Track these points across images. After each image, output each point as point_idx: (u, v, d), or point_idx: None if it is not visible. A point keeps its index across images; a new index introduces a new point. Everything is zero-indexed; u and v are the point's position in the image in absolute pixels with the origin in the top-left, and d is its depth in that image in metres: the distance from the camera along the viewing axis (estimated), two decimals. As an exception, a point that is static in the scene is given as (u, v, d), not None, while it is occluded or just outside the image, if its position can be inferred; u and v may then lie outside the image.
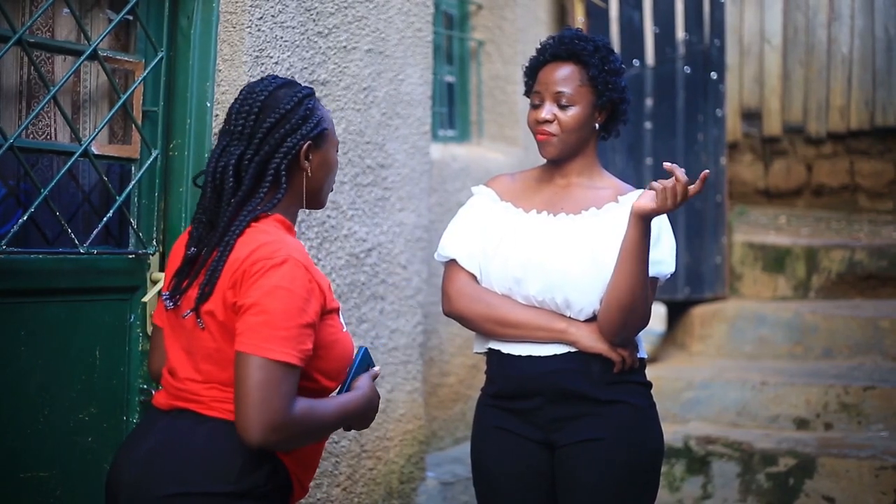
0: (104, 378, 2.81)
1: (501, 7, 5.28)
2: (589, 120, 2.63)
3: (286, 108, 2.15)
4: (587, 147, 2.67)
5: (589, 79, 2.60)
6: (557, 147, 2.63)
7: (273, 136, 2.13)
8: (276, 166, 2.13)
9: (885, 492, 4.44)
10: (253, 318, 2.00)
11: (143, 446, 2.12)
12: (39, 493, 2.66)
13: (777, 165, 7.62)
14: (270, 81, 2.20)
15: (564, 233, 2.61)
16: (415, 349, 3.89)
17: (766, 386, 5.13)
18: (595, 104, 2.62)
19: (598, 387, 2.57)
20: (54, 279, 2.69)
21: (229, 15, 2.96)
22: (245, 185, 2.12)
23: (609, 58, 2.63)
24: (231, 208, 2.11)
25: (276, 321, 2.00)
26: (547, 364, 2.58)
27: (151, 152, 2.90)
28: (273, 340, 1.99)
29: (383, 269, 3.68)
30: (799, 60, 7.46)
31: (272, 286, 2.01)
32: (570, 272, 2.56)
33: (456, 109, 5.20)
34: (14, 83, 2.71)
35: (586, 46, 2.61)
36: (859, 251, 6.39)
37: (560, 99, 2.60)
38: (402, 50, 3.74)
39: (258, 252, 2.05)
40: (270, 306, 2.00)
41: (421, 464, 3.97)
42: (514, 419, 2.63)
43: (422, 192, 3.89)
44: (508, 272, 2.60)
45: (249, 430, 1.96)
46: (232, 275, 2.06)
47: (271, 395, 1.97)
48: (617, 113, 2.67)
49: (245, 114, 2.15)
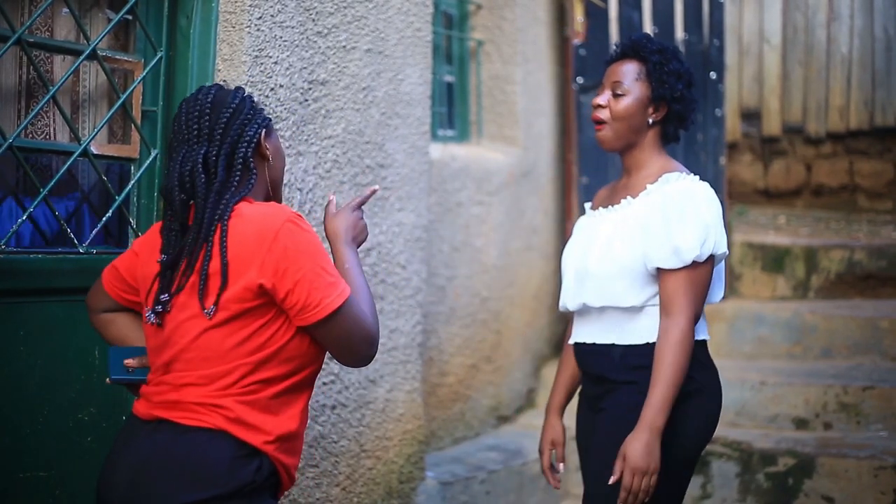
0: (103, 378, 2.80)
1: (501, 7, 5.28)
2: (640, 111, 2.74)
3: (235, 103, 2.24)
4: (642, 140, 2.77)
5: (646, 74, 2.73)
6: (608, 134, 2.75)
7: (232, 130, 2.22)
8: (244, 155, 2.22)
9: (885, 492, 4.43)
10: (307, 287, 2.12)
11: (127, 461, 2.15)
12: (38, 493, 2.66)
13: (776, 165, 7.62)
14: (207, 89, 2.27)
15: (599, 226, 2.77)
16: (414, 349, 3.89)
17: (766, 386, 5.13)
18: (650, 98, 2.73)
19: (618, 369, 2.69)
20: (53, 279, 2.69)
21: (229, 15, 2.96)
22: (219, 177, 2.18)
23: (671, 60, 2.75)
24: (211, 198, 2.16)
25: (322, 275, 2.14)
26: (585, 348, 2.79)
27: (151, 152, 2.90)
28: (332, 289, 2.14)
29: (382, 269, 3.68)
30: (798, 60, 7.46)
31: (299, 252, 2.12)
32: (588, 263, 2.71)
33: (455, 109, 5.20)
34: (13, 83, 2.71)
35: (650, 45, 2.75)
36: (859, 251, 6.39)
37: (616, 88, 2.74)
38: (401, 50, 3.74)
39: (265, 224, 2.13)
40: (312, 269, 2.13)
41: (420, 463, 3.97)
42: (584, 398, 2.88)
43: (421, 191, 3.89)
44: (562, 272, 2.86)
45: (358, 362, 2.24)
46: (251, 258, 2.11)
47: (360, 325, 2.19)
48: (672, 114, 2.76)
49: (196, 118, 2.21)
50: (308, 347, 2.20)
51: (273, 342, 2.15)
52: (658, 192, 2.68)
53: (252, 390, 2.14)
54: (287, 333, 2.17)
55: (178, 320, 2.16)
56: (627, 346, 2.69)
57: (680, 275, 2.60)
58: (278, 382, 2.17)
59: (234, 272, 2.12)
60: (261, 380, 2.15)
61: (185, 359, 2.16)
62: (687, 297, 2.60)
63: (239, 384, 2.13)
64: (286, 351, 2.17)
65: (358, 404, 3.59)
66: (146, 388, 2.22)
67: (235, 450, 2.10)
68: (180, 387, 2.15)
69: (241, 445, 2.11)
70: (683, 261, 2.59)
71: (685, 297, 2.60)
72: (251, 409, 2.13)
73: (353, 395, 3.57)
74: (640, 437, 2.52)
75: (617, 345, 2.70)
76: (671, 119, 2.77)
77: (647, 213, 2.65)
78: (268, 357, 2.15)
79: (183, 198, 2.18)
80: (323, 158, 3.35)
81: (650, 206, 2.66)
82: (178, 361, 2.16)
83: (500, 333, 5.01)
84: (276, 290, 2.11)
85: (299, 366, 2.20)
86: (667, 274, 2.61)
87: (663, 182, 2.70)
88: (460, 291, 4.71)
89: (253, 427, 2.13)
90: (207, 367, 2.13)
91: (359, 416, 3.60)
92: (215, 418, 2.11)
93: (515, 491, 4.53)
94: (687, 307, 2.59)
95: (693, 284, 2.60)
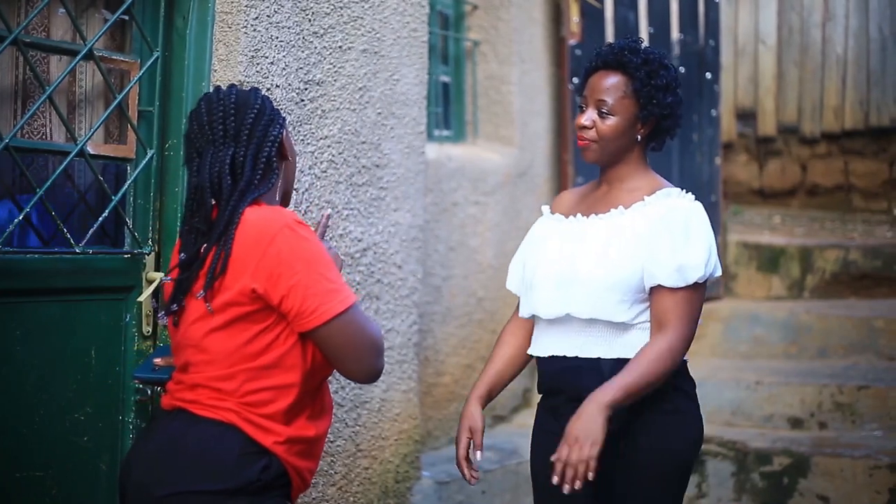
0: (100, 378, 2.81)
1: (497, 7, 5.28)
2: (628, 131, 2.61)
3: (258, 103, 2.26)
4: (630, 155, 2.65)
5: (633, 91, 2.59)
6: (595, 153, 2.63)
7: (257, 130, 2.23)
8: (268, 155, 2.23)
9: (880, 491, 4.45)
10: (302, 292, 2.10)
11: (146, 447, 2.19)
12: (35, 492, 2.67)
13: (772, 165, 7.63)
14: (227, 89, 2.28)
15: (586, 233, 2.61)
16: (410, 349, 3.90)
17: (761, 385, 5.14)
18: (637, 116, 2.61)
19: None
20: (50, 279, 2.69)
21: (225, 15, 2.96)
22: (246, 177, 2.19)
23: (658, 72, 2.60)
24: (233, 200, 2.17)
25: (321, 281, 2.12)
26: (562, 363, 2.60)
27: (147, 152, 2.90)
28: (331, 295, 2.12)
29: (378, 269, 3.68)
30: (793, 60, 7.47)
31: (294, 258, 2.11)
32: (579, 271, 2.56)
33: (451, 109, 5.20)
34: (10, 83, 2.71)
35: (634, 59, 2.60)
36: (853, 251, 6.40)
37: (601, 107, 2.60)
38: (397, 50, 3.75)
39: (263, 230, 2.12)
40: (308, 274, 2.11)
41: (416, 463, 3.97)
42: (551, 417, 2.66)
43: (417, 192, 3.89)
44: (525, 276, 2.68)
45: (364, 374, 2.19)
46: (246, 262, 2.11)
47: (364, 333, 2.16)
48: (661, 127, 2.66)
49: (221, 118, 2.22)
50: (313, 355, 2.19)
51: (274, 348, 2.15)
52: (659, 205, 2.57)
53: (260, 400, 2.14)
54: (289, 340, 2.16)
55: (189, 321, 2.18)
56: (617, 359, 2.53)
57: (679, 294, 2.50)
58: (285, 392, 2.16)
59: (232, 276, 2.12)
60: (265, 387, 2.14)
61: (196, 360, 2.18)
62: (684, 317, 2.51)
63: (243, 390, 2.13)
64: (289, 358, 2.16)
65: (354, 404, 3.60)
66: (170, 384, 2.25)
67: (244, 446, 2.12)
68: (193, 387, 2.17)
69: (251, 443, 2.12)
70: (686, 280, 2.50)
71: (682, 316, 2.50)
72: (259, 415, 2.14)
73: (349, 395, 3.57)
74: (583, 408, 2.39)
75: (605, 359, 2.55)
76: (659, 132, 2.67)
77: (648, 226, 2.53)
78: (271, 363, 2.15)
79: (211, 200, 2.19)
80: (319, 158, 3.36)
81: (650, 218, 2.55)
82: (190, 362, 2.19)
83: (495, 333, 5.01)
84: (268, 295, 2.11)
85: (306, 375, 2.18)
86: (665, 292, 2.50)
87: (664, 196, 2.59)
88: (456, 291, 4.71)
89: (262, 427, 2.14)
90: (213, 370, 2.15)
91: (355, 416, 3.61)
92: (227, 413, 2.13)
93: (511, 490, 4.53)
94: (682, 326, 2.50)
95: (690, 304, 2.52)
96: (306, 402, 2.20)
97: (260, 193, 2.20)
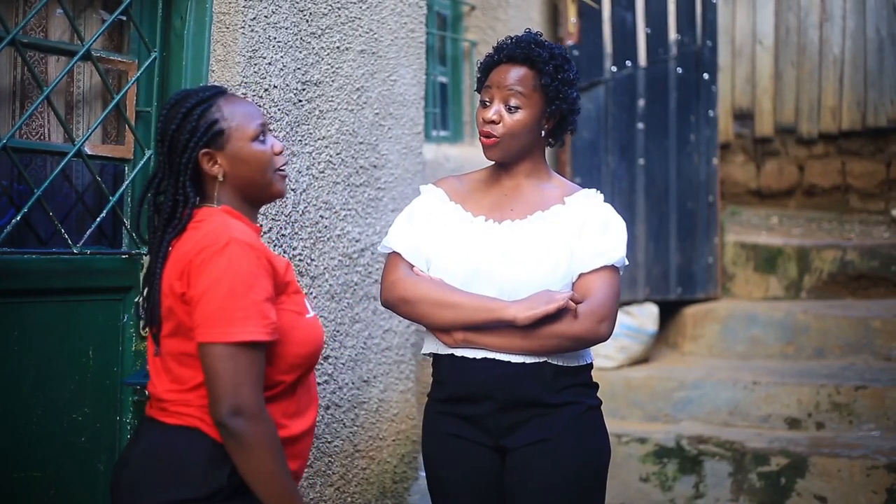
0: (97, 378, 2.81)
1: (494, 8, 5.29)
2: (535, 125, 2.59)
3: (172, 129, 2.16)
4: (534, 151, 2.64)
5: (541, 85, 2.56)
6: (500, 149, 2.59)
7: (173, 159, 2.17)
8: (182, 184, 2.16)
9: (877, 491, 4.45)
10: (206, 306, 2.02)
11: (126, 456, 2.18)
12: (32, 493, 2.67)
13: (769, 166, 7.63)
14: (168, 102, 2.22)
15: (511, 239, 2.57)
16: (407, 349, 3.90)
17: (758, 386, 5.14)
18: (544, 111, 2.59)
19: (551, 391, 2.52)
20: (48, 279, 2.69)
21: (222, 15, 2.96)
22: (164, 212, 2.17)
23: (564, 67, 2.58)
24: (158, 234, 2.17)
25: (230, 303, 2.00)
26: (500, 368, 2.50)
27: (145, 152, 2.91)
28: (232, 323, 1.99)
29: (376, 270, 3.69)
30: (791, 61, 7.48)
31: (219, 272, 2.02)
32: (519, 279, 2.50)
33: (449, 110, 5.21)
34: (7, 83, 2.71)
35: (541, 53, 2.56)
36: (851, 251, 6.41)
37: (509, 100, 2.56)
38: (395, 50, 3.75)
39: (202, 241, 2.08)
40: (220, 291, 2.01)
41: (414, 463, 3.98)
42: (465, 425, 2.57)
43: (414, 192, 3.89)
44: (457, 280, 2.54)
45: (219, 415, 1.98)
46: (181, 267, 2.09)
47: (240, 381, 1.98)
48: (565, 122, 2.65)
49: (158, 142, 2.21)
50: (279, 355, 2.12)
51: None
52: (578, 205, 2.60)
53: None
54: None
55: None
56: (560, 366, 2.52)
57: (599, 272, 2.52)
58: None
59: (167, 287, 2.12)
60: None
61: (156, 364, 2.19)
62: (605, 287, 2.51)
63: (202, 392, 2.07)
64: None
65: (352, 404, 3.60)
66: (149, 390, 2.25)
67: (212, 451, 2.07)
68: (163, 390, 2.16)
69: (218, 447, 2.07)
70: (605, 261, 2.53)
71: (604, 286, 2.51)
72: None
73: (347, 396, 3.57)
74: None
75: (550, 363, 2.52)
76: (562, 126, 2.65)
77: (573, 228, 2.56)
78: None
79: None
80: (317, 159, 3.36)
81: (573, 221, 2.57)
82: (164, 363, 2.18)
83: (493, 333, 5.01)
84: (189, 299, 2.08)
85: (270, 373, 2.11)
86: (586, 275, 2.53)
87: (584, 196, 2.62)
88: (454, 292, 4.71)
89: None
90: (171, 374, 2.13)
91: (352, 417, 3.61)
92: (192, 419, 2.10)
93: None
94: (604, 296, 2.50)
95: (609, 283, 2.53)
96: (278, 401, 2.14)
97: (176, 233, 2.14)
